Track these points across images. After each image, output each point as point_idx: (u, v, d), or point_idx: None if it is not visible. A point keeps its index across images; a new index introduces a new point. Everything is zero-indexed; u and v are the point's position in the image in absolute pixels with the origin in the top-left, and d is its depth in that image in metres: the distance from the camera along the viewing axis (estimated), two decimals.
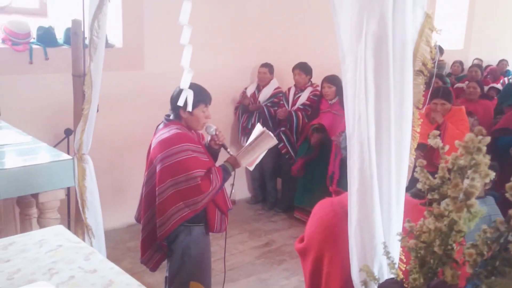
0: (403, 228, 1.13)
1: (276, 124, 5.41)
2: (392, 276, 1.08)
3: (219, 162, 2.91)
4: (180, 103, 2.21)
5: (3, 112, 3.78)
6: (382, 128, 1.29)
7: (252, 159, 2.88)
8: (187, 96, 2.14)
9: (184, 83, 2.04)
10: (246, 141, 3.08)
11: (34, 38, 4.31)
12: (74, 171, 2.66)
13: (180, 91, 2.65)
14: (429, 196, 0.98)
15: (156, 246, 2.87)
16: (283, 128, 5.35)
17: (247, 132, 5.33)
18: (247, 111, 5.49)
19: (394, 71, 1.28)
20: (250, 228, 5.17)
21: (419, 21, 1.29)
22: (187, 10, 2.09)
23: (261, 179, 5.80)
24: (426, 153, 3.37)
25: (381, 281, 1.12)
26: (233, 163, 2.83)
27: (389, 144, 1.29)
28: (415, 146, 1.37)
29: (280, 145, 5.31)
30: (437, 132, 1.00)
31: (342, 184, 4.42)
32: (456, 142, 0.90)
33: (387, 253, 1.06)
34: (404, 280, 1.01)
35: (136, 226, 4.70)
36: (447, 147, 0.97)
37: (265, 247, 4.75)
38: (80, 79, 2.59)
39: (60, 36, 4.47)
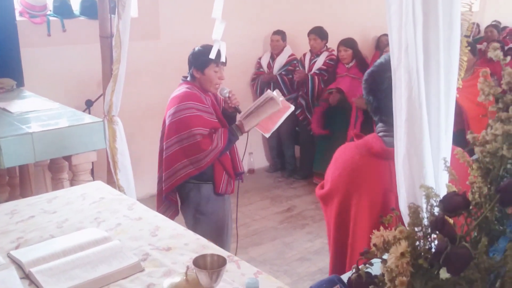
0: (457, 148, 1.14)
1: (292, 91, 5.38)
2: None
3: None
4: (212, 55, 2.22)
5: (27, 84, 3.81)
6: (431, 56, 1.30)
7: (256, 123, 2.78)
8: (220, 47, 2.15)
9: (217, 34, 2.04)
10: None
11: (50, 10, 4.31)
12: (105, 133, 2.69)
13: (198, 51, 2.72)
14: (491, 108, 0.99)
15: (168, 204, 2.91)
16: (300, 93, 5.31)
17: None
18: (264, 83, 5.46)
19: None
20: (271, 195, 5.21)
21: None
22: None
23: (279, 147, 5.81)
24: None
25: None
26: (241, 127, 2.80)
27: (438, 71, 1.30)
28: (462, 75, 1.38)
29: (298, 111, 5.30)
30: (498, 45, 1.00)
31: None
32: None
33: (448, 168, 1.08)
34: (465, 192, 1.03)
35: None
36: (508, 58, 0.98)
37: (287, 212, 4.79)
38: (107, 40, 2.61)
39: (76, 8, 4.47)
